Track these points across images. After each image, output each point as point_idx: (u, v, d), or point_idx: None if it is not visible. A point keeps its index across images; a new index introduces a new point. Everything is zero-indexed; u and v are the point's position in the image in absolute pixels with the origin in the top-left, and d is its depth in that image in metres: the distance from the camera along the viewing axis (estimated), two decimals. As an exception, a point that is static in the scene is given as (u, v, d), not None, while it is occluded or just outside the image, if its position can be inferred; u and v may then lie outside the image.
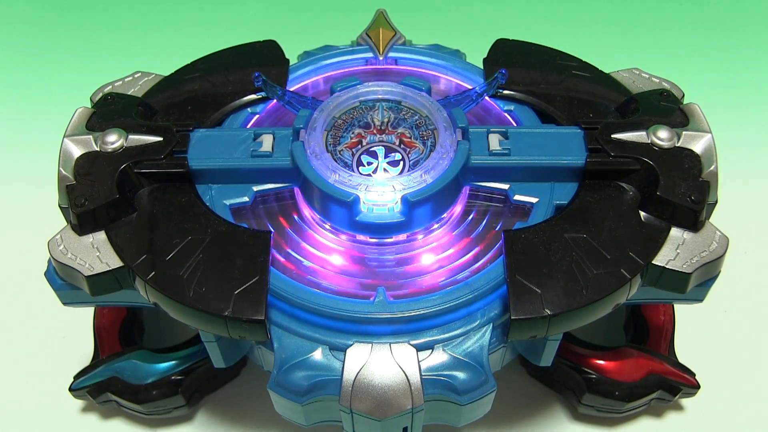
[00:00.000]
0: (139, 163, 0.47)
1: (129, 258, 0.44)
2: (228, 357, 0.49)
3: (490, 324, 0.43)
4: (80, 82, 0.69)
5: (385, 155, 0.49)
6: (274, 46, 0.58)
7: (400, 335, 0.43)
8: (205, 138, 0.49)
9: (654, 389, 0.55)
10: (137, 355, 0.56)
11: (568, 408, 0.59)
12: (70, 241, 0.45)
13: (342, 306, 0.43)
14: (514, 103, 0.54)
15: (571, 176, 0.48)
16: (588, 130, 0.49)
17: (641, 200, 0.46)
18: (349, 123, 0.51)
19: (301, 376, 0.43)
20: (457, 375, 0.42)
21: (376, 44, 0.59)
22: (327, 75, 0.58)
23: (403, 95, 0.52)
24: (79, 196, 0.45)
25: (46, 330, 0.64)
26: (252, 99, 0.54)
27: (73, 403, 0.59)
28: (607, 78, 0.55)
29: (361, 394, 0.42)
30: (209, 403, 0.60)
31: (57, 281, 0.47)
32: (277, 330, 0.44)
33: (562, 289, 0.42)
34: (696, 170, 0.46)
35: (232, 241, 0.44)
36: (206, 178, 0.48)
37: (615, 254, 0.43)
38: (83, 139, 0.48)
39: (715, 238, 0.45)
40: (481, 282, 0.44)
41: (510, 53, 0.57)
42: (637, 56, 0.90)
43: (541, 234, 0.44)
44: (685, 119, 0.49)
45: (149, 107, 0.52)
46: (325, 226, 0.48)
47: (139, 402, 0.55)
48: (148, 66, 0.59)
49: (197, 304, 0.42)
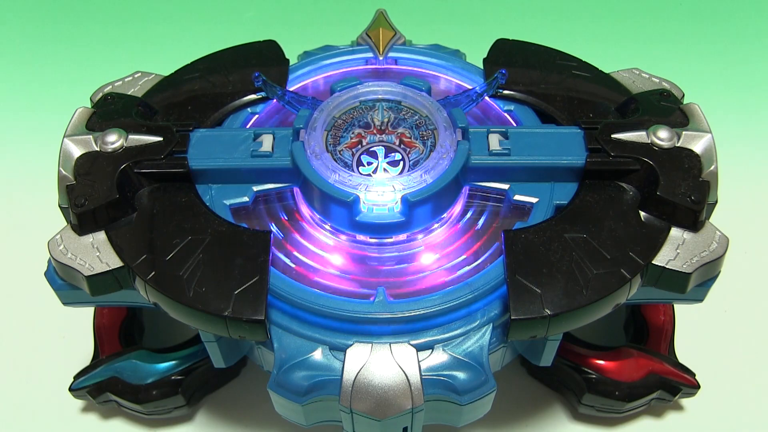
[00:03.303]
0: (139, 163, 0.47)
1: (129, 258, 0.44)
2: (228, 357, 0.49)
3: (490, 324, 0.43)
4: (80, 82, 0.69)
5: (385, 155, 0.49)
6: (274, 46, 0.58)
7: (400, 335, 0.43)
8: (205, 138, 0.49)
9: (654, 389, 0.55)
10: (137, 355, 0.56)
11: (568, 408, 0.59)
12: (70, 241, 0.45)
13: (342, 306, 0.43)
14: (514, 103, 0.54)
15: (571, 176, 0.48)
16: (588, 130, 0.49)
17: (641, 200, 0.46)
18: (349, 123, 0.51)
19: (301, 376, 0.43)
20: (457, 375, 0.42)
21: (376, 44, 0.59)
22: (327, 75, 0.58)
23: (403, 95, 0.52)
24: (79, 196, 0.45)
25: (46, 330, 0.64)
26: (252, 99, 0.54)
27: (73, 403, 0.59)
28: (607, 78, 0.55)
29: (361, 394, 0.42)
30: (209, 403, 0.60)
31: (57, 281, 0.47)
32: (277, 330, 0.44)
33: (562, 289, 0.42)
34: (696, 170, 0.46)
35: (232, 241, 0.44)
36: (206, 178, 0.48)
37: (615, 254, 0.43)
38: (83, 139, 0.48)
39: (715, 238, 0.45)
40: (481, 282, 0.44)
41: (510, 53, 0.57)
42: (637, 56, 0.90)
43: (541, 234, 0.44)
44: (685, 119, 0.49)
45: (149, 107, 0.52)
46: (325, 226, 0.48)
47: (139, 402, 0.55)
48: (148, 66, 0.59)
49: (197, 304, 0.42)
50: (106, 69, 0.80)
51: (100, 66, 0.90)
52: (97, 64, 0.91)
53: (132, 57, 0.92)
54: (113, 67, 0.63)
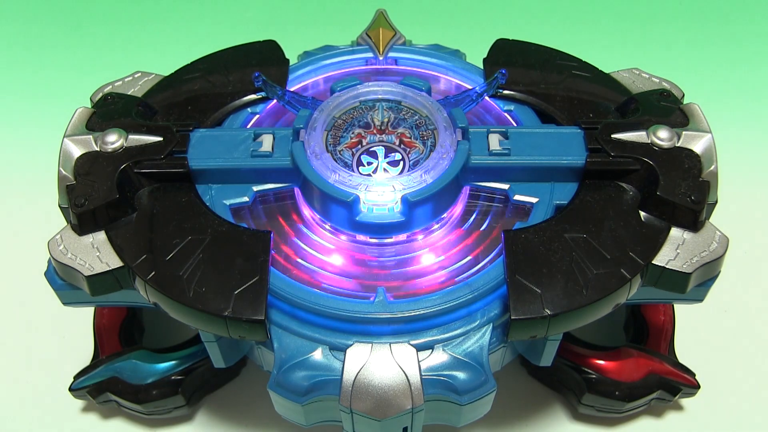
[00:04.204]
0: (139, 163, 0.47)
1: (129, 258, 0.44)
2: (228, 357, 0.49)
3: (490, 324, 0.43)
4: (80, 82, 0.69)
5: (385, 155, 0.49)
6: (274, 46, 0.58)
7: (400, 335, 0.43)
8: (205, 138, 0.49)
9: (654, 389, 0.55)
10: (137, 355, 0.56)
11: (568, 408, 0.59)
12: (70, 241, 0.45)
13: (342, 306, 0.43)
14: (514, 103, 0.54)
15: (571, 176, 0.48)
16: (588, 130, 0.49)
17: (641, 200, 0.46)
18: (349, 123, 0.51)
19: (301, 376, 0.43)
20: (457, 375, 0.42)
21: (376, 44, 0.59)
22: (327, 75, 0.58)
23: (403, 95, 0.52)
24: (79, 196, 0.45)
25: (46, 330, 0.64)
26: (252, 99, 0.54)
27: (73, 403, 0.59)
28: (607, 78, 0.55)
29: (361, 394, 0.42)
30: (209, 403, 0.60)
31: (57, 281, 0.47)
32: (277, 330, 0.44)
33: (562, 289, 0.42)
34: (696, 170, 0.46)
35: (232, 241, 0.44)
36: (206, 178, 0.48)
37: (615, 254, 0.43)
38: (83, 139, 0.48)
39: (715, 238, 0.45)
40: (481, 282, 0.44)
41: (510, 53, 0.57)
42: (637, 56, 0.90)
43: (541, 234, 0.44)
44: (685, 119, 0.49)
45: (149, 107, 0.52)
46: (325, 226, 0.48)
47: (139, 402, 0.55)
48: (148, 66, 0.59)
49: (197, 304, 0.42)
50: (106, 69, 0.79)
51: (100, 66, 0.90)
52: (97, 64, 0.91)
53: (132, 57, 0.92)
54: (113, 67, 0.63)
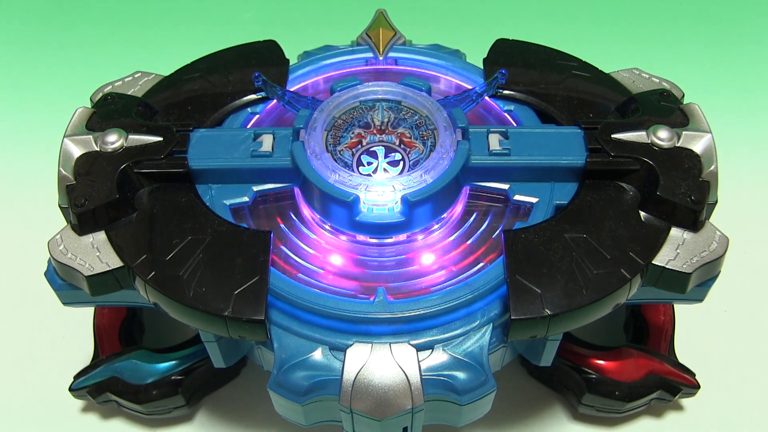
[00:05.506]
0: (139, 163, 0.47)
1: (129, 258, 0.44)
2: (228, 357, 0.49)
3: (490, 324, 0.43)
4: (80, 82, 0.70)
5: (385, 155, 0.49)
6: (274, 46, 0.58)
7: (400, 335, 0.43)
8: (205, 138, 0.49)
9: (654, 389, 0.55)
10: (137, 355, 0.56)
11: (568, 408, 0.59)
12: (70, 241, 0.45)
13: (342, 306, 0.43)
14: (514, 103, 0.54)
15: (571, 176, 0.48)
16: (588, 130, 0.49)
17: (641, 200, 0.46)
18: (349, 123, 0.51)
19: (301, 376, 0.43)
20: (457, 375, 0.42)
21: (376, 44, 0.59)
22: (327, 75, 0.58)
23: (403, 95, 0.52)
24: (79, 196, 0.45)
25: (46, 330, 0.64)
26: (252, 99, 0.54)
27: (73, 403, 0.59)
28: (607, 78, 0.55)
29: (361, 394, 0.42)
30: (209, 403, 0.60)
31: (57, 281, 0.47)
32: (277, 330, 0.44)
33: (562, 289, 0.42)
34: (696, 170, 0.46)
35: (232, 241, 0.44)
36: (206, 178, 0.48)
37: (615, 254, 0.43)
38: (83, 139, 0.48)
39: (715, 238, 0.45)
40: (481, 282, 0.44)
41: (510, 53, 0.57)
42: (637, 56, 0.90)
43: (541, 234, 0.44)
44: (685, 119, 0.49)
45: (149, 107, 0.52)
46: (325, 226, 0.48)
47: (139, 402, 0.55)
48: (148, 66, 0.59)
49: (197, 304, 0.42)
50: (106, 69, 0.79)
51: (100, 66, 0.90)
52: (97, 64, 0.91)
53: (132, 57, 0.92)
54: (113, 67, 0.63)
